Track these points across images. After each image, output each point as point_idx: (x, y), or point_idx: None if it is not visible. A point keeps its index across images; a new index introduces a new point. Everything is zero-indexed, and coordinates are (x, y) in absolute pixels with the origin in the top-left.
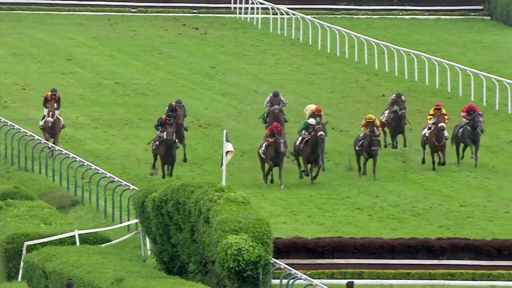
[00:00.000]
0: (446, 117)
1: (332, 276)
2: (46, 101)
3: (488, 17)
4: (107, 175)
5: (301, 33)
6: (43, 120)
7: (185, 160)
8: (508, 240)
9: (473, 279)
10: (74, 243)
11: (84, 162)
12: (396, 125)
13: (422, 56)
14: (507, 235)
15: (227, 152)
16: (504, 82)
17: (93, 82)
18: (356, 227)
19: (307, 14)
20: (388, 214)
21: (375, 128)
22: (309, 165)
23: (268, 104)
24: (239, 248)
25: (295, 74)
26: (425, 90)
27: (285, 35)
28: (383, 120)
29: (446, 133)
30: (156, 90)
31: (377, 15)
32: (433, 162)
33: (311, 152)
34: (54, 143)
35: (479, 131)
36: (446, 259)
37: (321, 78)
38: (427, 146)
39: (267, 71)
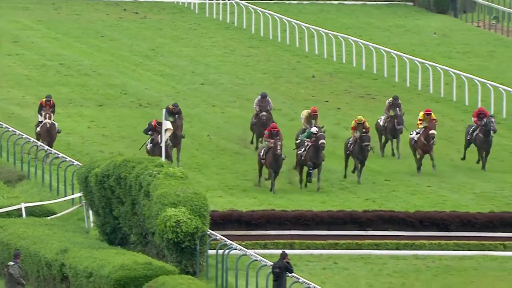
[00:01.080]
0: (435, 122)
1: (265, 247)
2: (41, 108)
3: (411, 3)
4: (52, 151)
5: (236, 17)
6: (40, 125)
7: (177, 160)
8: (429, 212)
9: (397, 249)
10: (20, 215)
11: (30, 139)
12: (393, 130)
13: (350, 39)
14: (429, 208)
15: (166, 130)
16: (426, 64)
17: (39, 64)
18: (287, 201)
19: (242, 0)
20: (322, 190)
21: (364, 130)
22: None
23: (257, 107)
24: (178, 220)
25: (230, 56)
26: (352, 71)
27: (220, 19)
28: (380, 124)
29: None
30: (98, 71)
31: (308, 1)
32: (420, 165)
33: (313, 158)
34: (50, 147)
35: (491, 138)
36: (372, 230)
37: (255, 60)
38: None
39: (204, 53)
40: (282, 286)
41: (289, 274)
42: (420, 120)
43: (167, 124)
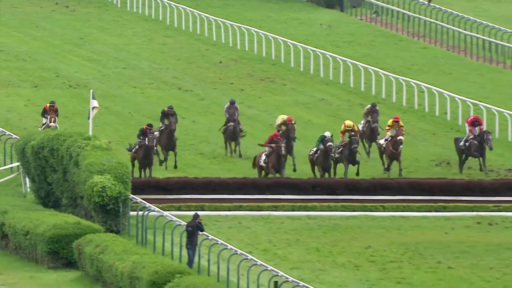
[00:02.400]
0: (403, 129)
1: (179, 209)
2: (45, 112)
3: None
4: None
5: (153, 11)
6: (43, 127)
7: (175, 167)
8: (320, 179)
9: (292, 210)
10: None
11: None
12: (370, 134)
13: (252, 30)
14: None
15: (93, 108)
16: (317, 52)
17: None
18: (199, 169)
19: None
20: (224, 158)
21: (353, 133)
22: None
23: (226, 114)
24: (103, 186)
25: (148, 44)
26: (254, 58)
27: (140, 12)
28: (359, 128)
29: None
30: (34, 56)
31: None
32: (388, 169)
33: (324, 160)
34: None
35: (488, 146)
36: (271, 194)
37: (170, 48)
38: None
39: (126, 42)
40: (194, 243)
41: (200, 232)
42: (388, 126)
43: (94, 103)
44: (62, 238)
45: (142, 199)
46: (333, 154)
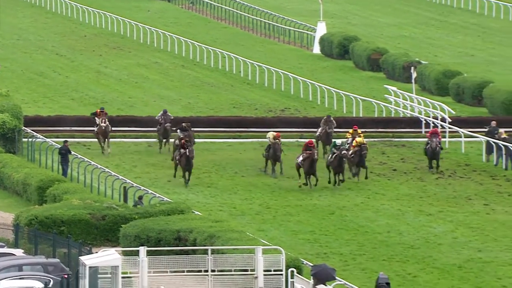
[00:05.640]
0: (362, 136)
1: (57, 137)
2: (96, 114)
3: None
4: None
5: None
6: (98, 126)
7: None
8: None
9: (136, 138)
10: None
11: None
12: (326, 139)
13: (107, 14)
14: None
15: None
16: (152, 29)
17: None
18: (70, 110)
19: None
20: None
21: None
22: (336, 175)
23: (160, 118)
24: (4, 121)
25: (35, 23)
26: (109, 33)
27: (27, 1)
28: (316, 135)
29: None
30: None
31: None
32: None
33: (338, 164)
34: (106, 143)
35: (439, 149)
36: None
37: (50, 26)
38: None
39: (18, 22)
40: (67, 160)
41: (70, 154)
42: (349, 134)
43: None
44: None
45: (32, 130)
46: (345, 159)
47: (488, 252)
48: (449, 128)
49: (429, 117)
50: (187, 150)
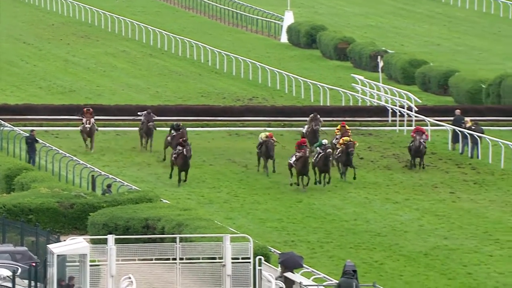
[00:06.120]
0: (350, 133)
1: (25, 125)
2: (83, 113)
3: None
4: None
5: None
6: (83, 126)
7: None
8: None
9: (104, 127)
10: None
11: None
12: (313, 136)
13: (75, 3)
14: None
15: None
16: (120, 18)
17: None
18: (38, 98)
19: None
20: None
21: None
22: (322, 174)
23: (143, 118)
24: None
25: (4, 13)
26: (77, 22)
27: None
28: (303, 132)
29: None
30: None
31: None
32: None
33: (323, 164)
34: (90, 143)
35: (423, 148)
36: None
37: (18, 15)
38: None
39: None
40: (34, 149)
41: (37, 143)
42: (337, 130)
43: None
44: None
45: (1, 119)
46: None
47: (453, 240)
48: (415, 116)
49: (396, 105)
50: (185, 149)
